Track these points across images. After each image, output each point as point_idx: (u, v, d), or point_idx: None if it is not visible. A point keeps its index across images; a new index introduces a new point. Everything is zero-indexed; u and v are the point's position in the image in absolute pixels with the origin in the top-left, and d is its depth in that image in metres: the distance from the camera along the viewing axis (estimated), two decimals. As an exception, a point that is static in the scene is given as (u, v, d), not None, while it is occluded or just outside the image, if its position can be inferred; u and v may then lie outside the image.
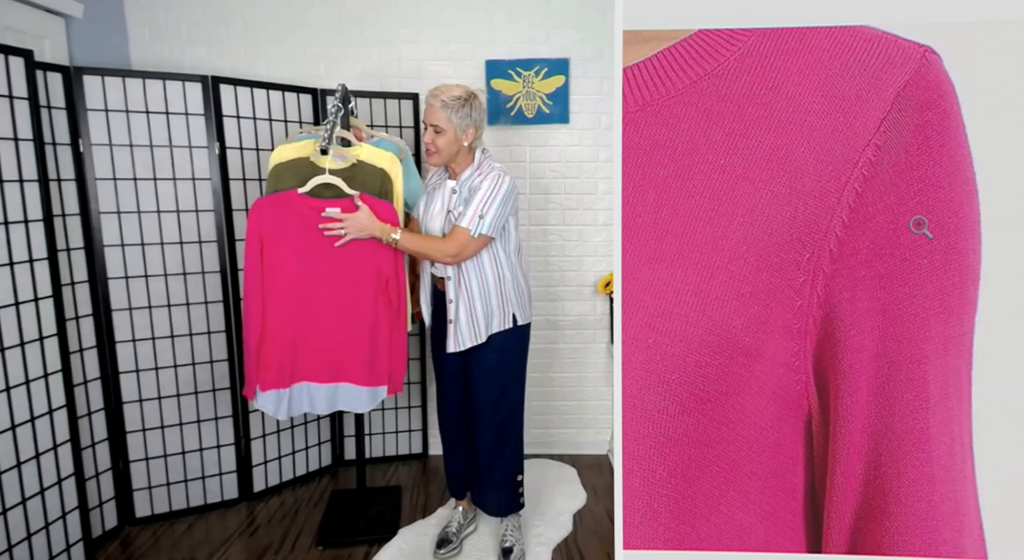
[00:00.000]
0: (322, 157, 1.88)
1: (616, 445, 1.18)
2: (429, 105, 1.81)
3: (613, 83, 1.14)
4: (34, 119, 1.73)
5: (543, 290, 2.74)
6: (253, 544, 2.15)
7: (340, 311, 1.90)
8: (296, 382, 1.94)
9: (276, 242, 1.86)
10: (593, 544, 2.14)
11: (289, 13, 2.55)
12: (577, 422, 2.85)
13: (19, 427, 1.73)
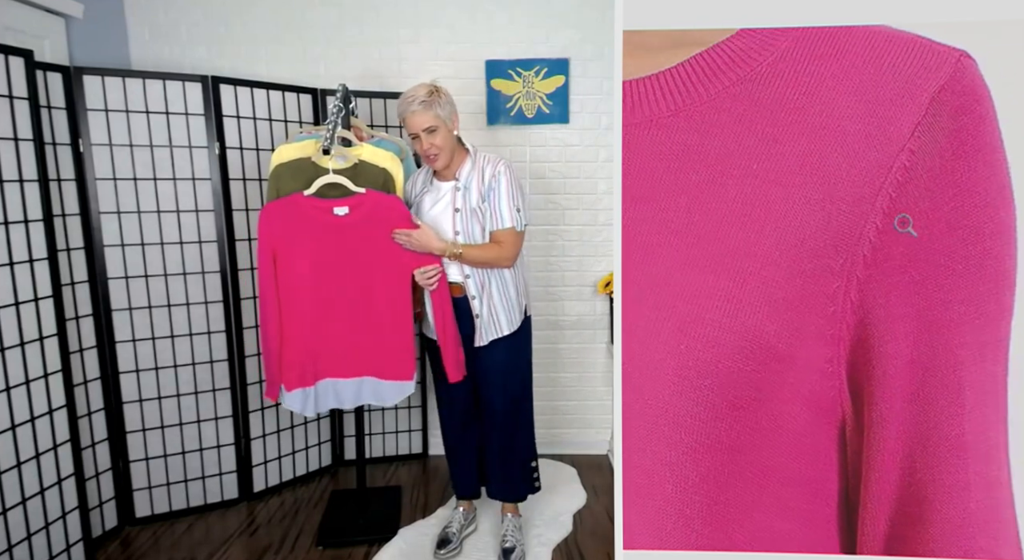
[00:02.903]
0: (324, 157, 1.88)
1: (616, 445, 1.18)
2: (410, 114, 1.78)
3: (613, 83, 1.14)
4: (34, 119, 1.73)
5: (543, 290, 2.74)
6: (253, 544, 2.15)
7: (358, 308, 1.91)
8: (321, 379, 1.96)
9: (288, 245, 1.87)
10: (593, 544, 2.14)
11: (289, 13, 2.55)
12: (577, 422, 2.85)
13: (19, 427, 1.73)
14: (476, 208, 1.85)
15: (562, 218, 2.69)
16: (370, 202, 1.86)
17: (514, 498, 2.12)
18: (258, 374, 2.41)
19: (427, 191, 1.93)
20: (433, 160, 1.83)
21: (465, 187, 1.86)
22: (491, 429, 2.02)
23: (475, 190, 1.86)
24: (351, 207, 1.86)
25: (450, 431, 2.10)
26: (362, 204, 1.86)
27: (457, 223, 1.85)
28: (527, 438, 2.08)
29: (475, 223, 1.85)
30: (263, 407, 2.43)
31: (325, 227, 1.87)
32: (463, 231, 1.85)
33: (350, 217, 1.86)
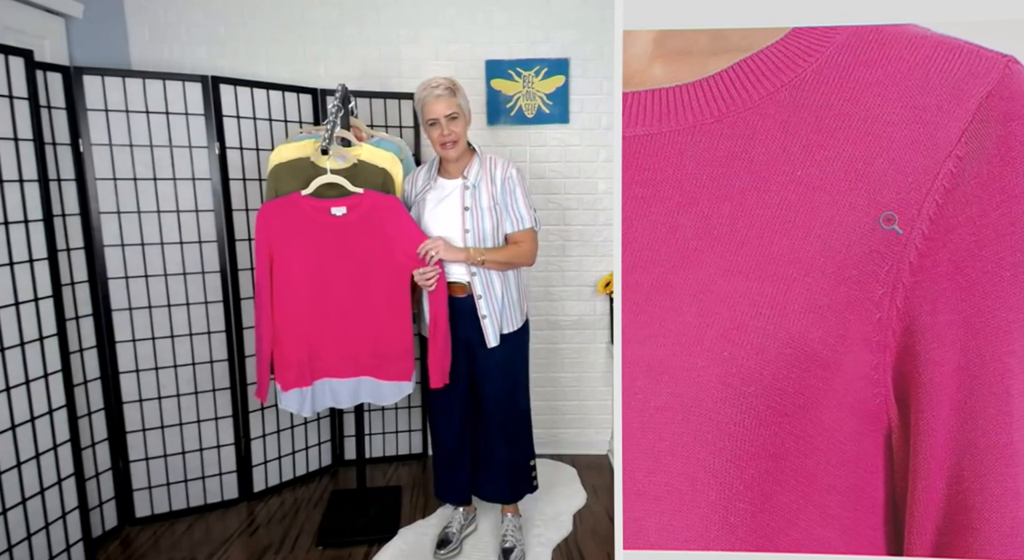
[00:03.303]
0: (323, 157, 1.88)
1: (616, 445, 1.18)
2: (434, 98, 1.79)
3: (613, 83, 1.14)
4: (34, 119, 1.73)
5: (543, 290, 2.74)
6: (253, 544, 2.15)
7: (356, 308, 1.91)
8: (317, 379, 1.96)
9: (286, 245, 1.87)
10: (593, 544, 2.14)
11: (289, 13, 2.55)
12: (577, 422, 2.85)
13: (19, 427, 1.73)
14: (488, 208, 1.85)
15: (562, 218, 2.69)
16: (368, 202, 1.86)
17: (513, 499, 2.12)
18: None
19: (430, 189, 1.92)
20: (450, 148, 1.83)
21: (474, 186, 1.86)
22: (491, 430, 2.02)
23: (484, 190, 1.86)
24: (349, 207, 1.86)
25: (448, 439, 2.07)
26: (360, 204, 1.86)
27: (467, 221, 1.85)
28: (526, 438, 2.08)
29: (485, 222, 1.85)
30: (263, 407, 2.43)
31: (323, 227, 1.86)
32: (473, 229, 1.84)
33: (348, 217, 1.86)
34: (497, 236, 1.87)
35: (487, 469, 2.08)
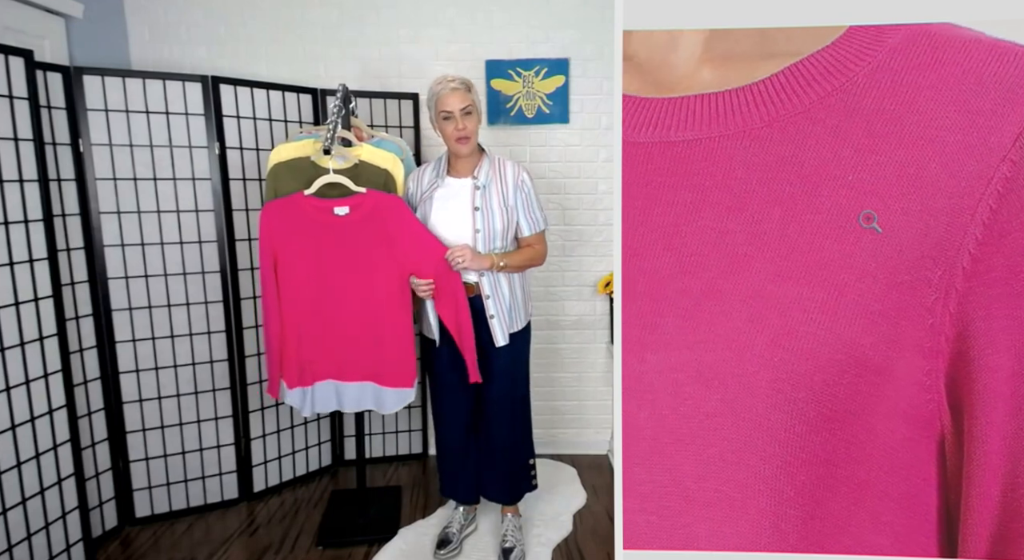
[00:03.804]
0: (324, 157, 1.88)
1: (616, 445, 1.18)
2: (450, 91, 1.80)
3: (613, 83, 1.14)
4: (34, 119, 1.73)
5: (543, 290, 2.74)
6: (253, 544, 2.15)
7: (359, 308, 1.91)
8: (319, 381, 1.96)
9: (289, 245, 1.87)
10: (593, 544, 2.14)
11: (289, 13, 2.55)
12: (577, 422, 2.85)
13: (19, 427, 1.73)
14: (498, 208, 1.85)
15: (562, 218, 2.69)
16: (371, 202, 1.86)
17: (513, 499, 2.12)
18: (258, 374, 2.41)
19: (437, 187, 1.91)
20: (463, 143, 1.83)
21: (485, 186, 1.86)
22: (493, 430, 2.02)
23: (495, 191, 1.86)
24: (352, 207, 1.86)
25: (454, 438, 2.07)
26: (363, 204, 1.86)
27: (477, 221, 1.85)
28: (526, 439, 2.09)
29: (496, 222, 1.85)
30: (263, 407, 2.43)
31: (325, 227, 1.86)
32: (483, 229, 1.84)
33: (350, 217, 1.86)
34: (507, 237, 1.87)
35: (489, 469, 2.08)
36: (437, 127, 1.87)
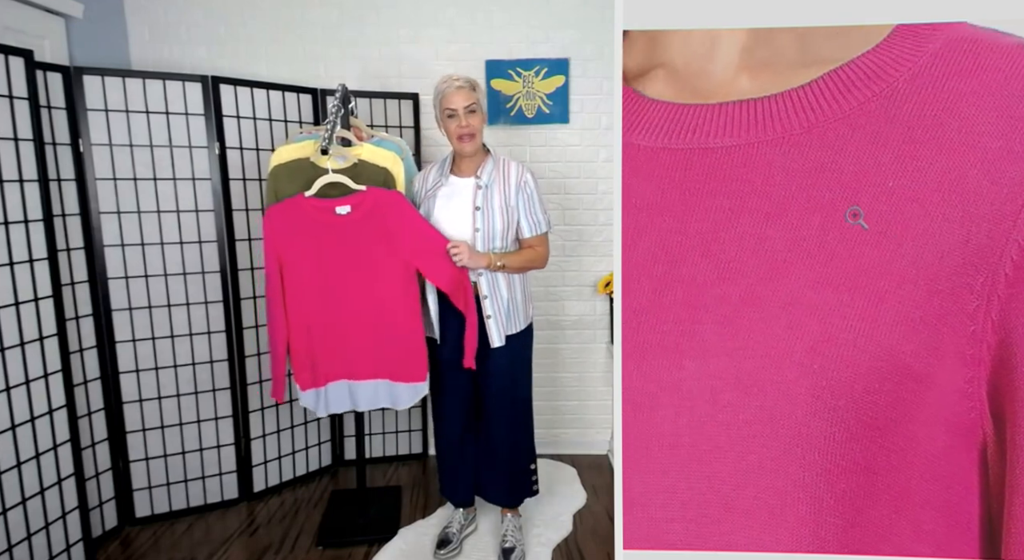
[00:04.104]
0: (323, 157, 1.88)
1: (616, 445, 1.18)
2: (455, 89, 1.80)
3: (613, 83, 1.14)
4: (34, 119, 1.73)
5: (543, 290, 2.74)
6: (253, 544, 2.15)
7: (366, 306, 1.91)
8: (332, 381, 1.96)
9: (293, 247, 1.87)
10: (593, 544, 2.14)
11: (289, 13, 2.55)
12: (577, 422, 2.85)
13: (19, 427, 1.73)
14: (499, 208, 1.85)
15: (562, 218, 2.69)
16: (371, 199, 1.86)
17: (513, 502, 2.11)
18: (258, 374, 2.41)
19: (441, 185, 1.92)
20: (467, 142, 1.83)
21: (487, 186, 1.86)
22: (493, 433, 2.01)
23: (497, 191, 1.86)
24: (353, 206, 1.86)
25: (450, 439, 2.07)
26: (364, 202, 1.86)
27: (477, 220, 1.85)
28: (527, 442, 2.08)
29: (496, 222, 1.85)
30: (263, 407, 2.43)
31: (328, 227, 1.86)
32: (483, 229, 1.85)
33: (352, 215, 1.86)
34: (507, 236, 1.87)
35: (488, 469, 2.08)
36: (441, 126, 1.88)
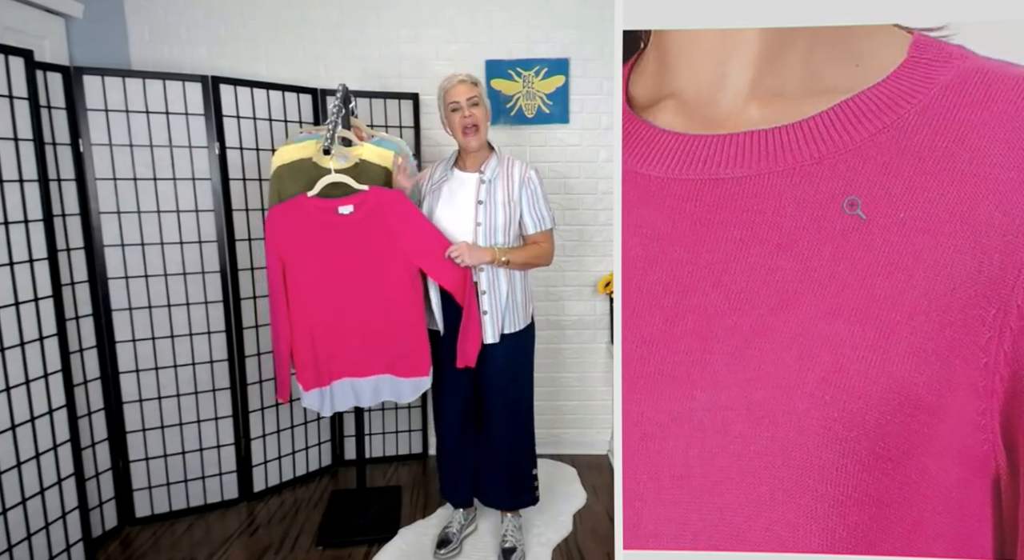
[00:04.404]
0: (325, 157, 1.88)
1: (616, 445, 1.18)
2: (458, 82, 1.83)
3: (613, 83, 1.14)
4: (34, 119, 1.73)
5: (543, 290, 2.74)
6: (253, 544, 2.15)
7: (370, 304, 1.91)
8: (336, 380, 1.96)
9: (296, 247, 1.87)
10: (593, 544, 2.14)
11: (289, 13, 2.55)
12: (577, 422, 2.85)
13: (19, 427, 1.73)
14: (502, 203, 1.86)
15: (562, 218, 2.69)
16: (374, 199, 1.86)
17: (511, 506, 2.10)
18: (258, 374, 2.41)
19: (445, 180, 1.93)
20: (471, 135, 1.84)
21: (491, 181, 1.87)
22: (492, 433, 2.01)
23: (500, 187, 1.87)
24: (355, 205, 1.86)
25: (449, 439, 2.08)
26: (366, 201, 1.86)
27: (479, 215, 1.86)
28: (528, 442, 2.07)
29: (498, 216, 1.85)
30: (263, 407, 2.43)
31: (331, 227, 1.87)
32: (485, 223, 1.85)
33: (355, 215, 1.86)
34: (508, 232, 1.87)
35: (488, 471, 2.07)
36: (446, 123, 1.90)
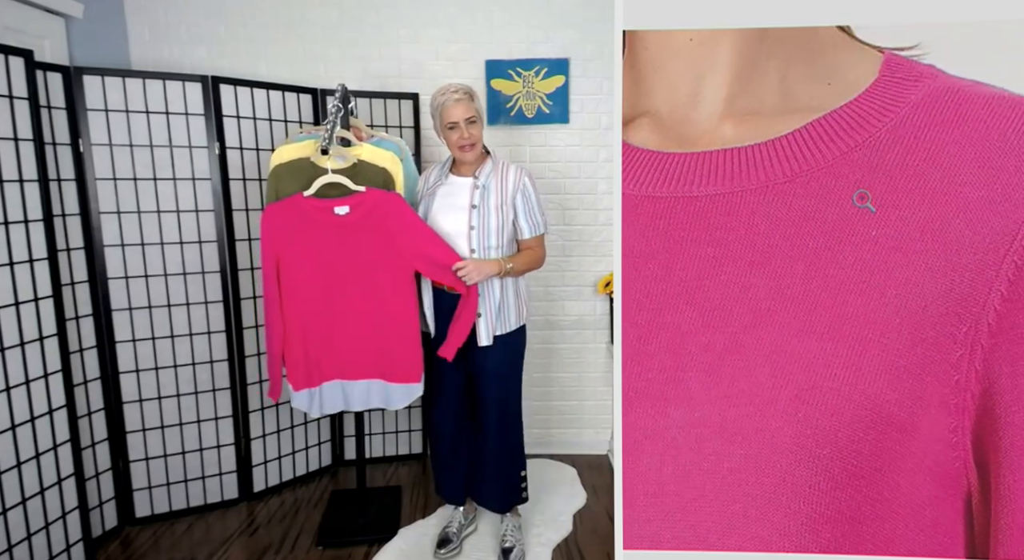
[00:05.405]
0: (323, 157, 1.88)
1: (616, 445, 1.18)
2: (454, 102, 1.83)
3: (613, 83, 1.14)
4: (34, 119, 1.73)
5: (543, 290, 2.74)
6: (253, 544, 2.15)
7: (363, 307, 1.91)
8: (326, 381, 1.96)
9: (291, 247, 1.87)
10: (593, 544, 2.14)
11: (289, 13, 2.55)
12: (577, 422, 2.85)
13: (19, 427, 1.73)
14: (495, 207, 1.87)
15: (562, 218, 2.69)
16: (371, 200, 1.86)
17: (502, 509, 2.10)
18: (258, 374, 2.41)
19: (441, 184, 1.95)
20: (468, 151, 1.86)
21: (484, 186, 1.88)
22: (485, 430, 2.01)
23: (494, 191, 1.88)
24: (352, 206, 1.86)
25: (443, 438, 2.08)
26: (363, 203, 1.86)
27: (473, 218, 1.86)
28: (518, 446, 2.07)
29: (491, 220, 1.86)
30: (263, 407, 2.43)
31: (326, 227, 1.87)
32: (478, 227, 1.86)
33: (351, 216, 1.86)
34: (501, 235, 1.88)
35: (481, 473, 2.07)
36: (442, 135, 1.91)
